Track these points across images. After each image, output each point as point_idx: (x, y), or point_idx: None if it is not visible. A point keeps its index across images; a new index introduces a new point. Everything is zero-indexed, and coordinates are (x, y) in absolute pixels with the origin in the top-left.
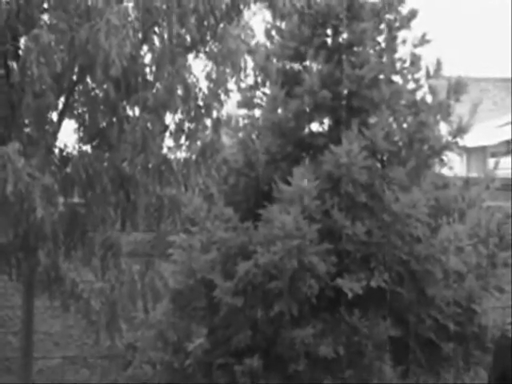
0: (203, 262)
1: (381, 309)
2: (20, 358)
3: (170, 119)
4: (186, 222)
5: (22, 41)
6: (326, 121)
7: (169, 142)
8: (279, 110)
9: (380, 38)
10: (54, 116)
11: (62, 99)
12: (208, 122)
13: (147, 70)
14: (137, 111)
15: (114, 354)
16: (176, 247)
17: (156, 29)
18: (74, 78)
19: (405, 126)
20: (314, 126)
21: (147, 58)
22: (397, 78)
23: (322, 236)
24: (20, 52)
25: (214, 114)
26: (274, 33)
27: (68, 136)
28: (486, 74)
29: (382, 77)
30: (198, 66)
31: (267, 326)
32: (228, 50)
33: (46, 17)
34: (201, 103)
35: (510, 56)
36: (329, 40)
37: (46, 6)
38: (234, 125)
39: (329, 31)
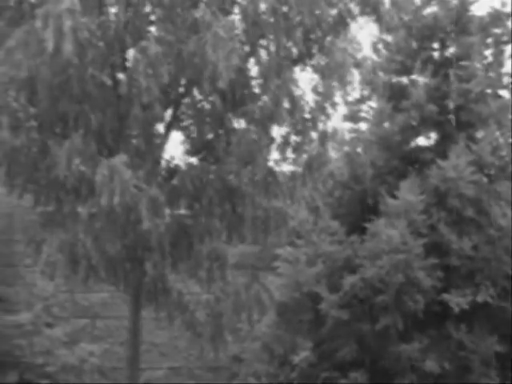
0: (309, 275)
1: (486, 324)
2: (126, 368)
3: (276, 132)
4: (291, 235)
5: (130, 52)
6: (433, 135)
7: (275, 154)
8: (385, 124)
9: (487, 52)
10: (161, 128)
11: (169, 111)
12: (314, 135)
13: (254, 82)
14: (243, 123)
15: (219, 366)
16: (282, 260)
17: (263, 41)
18: (181, 90)
19: None
20: (421, 140)
21: (254, 71)
22: (504, 93)
23: (428, 250)
24: (128, 63)
25: (320, 127)
26: (380, 46)
27: (175, 148)
28: None
29: (489, 91)
30: (305, 79)
31: (373, 340)
32: (335, 63)
33: (153, 29)
34: (307, 116)
35: None
36: (436, 54)
37: (153, 18)
38: (339, 138)
39: (436, 45)
